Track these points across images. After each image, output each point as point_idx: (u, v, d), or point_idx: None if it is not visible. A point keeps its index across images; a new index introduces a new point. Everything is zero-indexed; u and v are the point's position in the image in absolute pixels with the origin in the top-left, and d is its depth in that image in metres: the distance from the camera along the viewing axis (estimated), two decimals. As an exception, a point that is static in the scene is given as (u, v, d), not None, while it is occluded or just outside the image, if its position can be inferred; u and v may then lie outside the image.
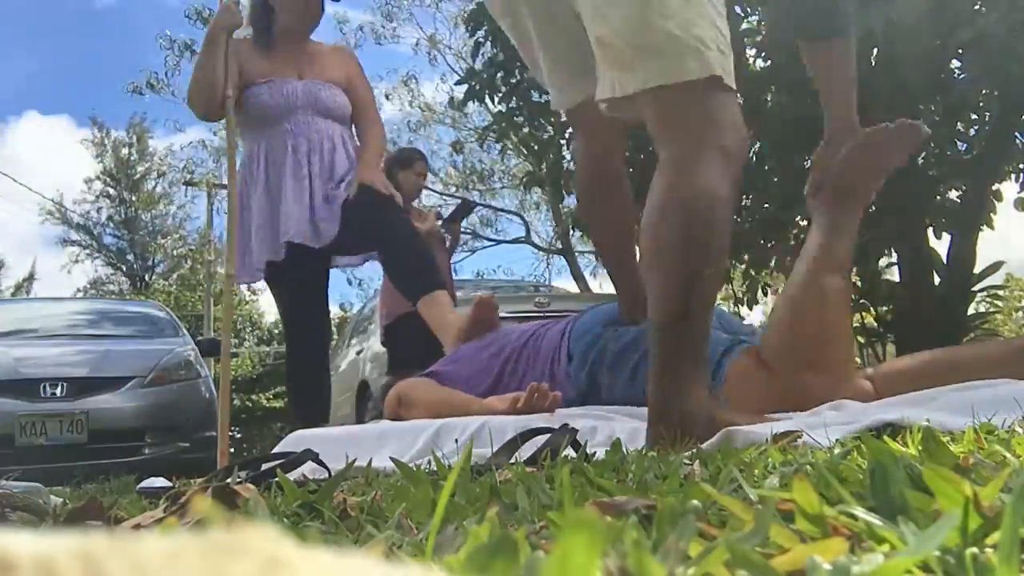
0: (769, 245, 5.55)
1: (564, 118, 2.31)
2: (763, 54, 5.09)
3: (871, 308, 5.42)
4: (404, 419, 1.96)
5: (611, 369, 1.86)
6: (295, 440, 1.85)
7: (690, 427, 1.23)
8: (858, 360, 4.35)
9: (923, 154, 4.99)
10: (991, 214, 4.85)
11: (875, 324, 5.44)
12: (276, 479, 0.90)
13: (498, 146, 8.37)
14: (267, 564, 0.17)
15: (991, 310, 5.91)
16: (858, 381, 1.68)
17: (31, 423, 4.37)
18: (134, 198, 23.42)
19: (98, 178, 23.42)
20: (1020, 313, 15.67)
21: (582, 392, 1.88)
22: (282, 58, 2.65)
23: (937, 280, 4.91)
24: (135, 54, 37.60)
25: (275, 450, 1.66)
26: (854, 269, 5.54)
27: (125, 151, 23.53)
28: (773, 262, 5.65)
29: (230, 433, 2.51)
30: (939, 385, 1.43)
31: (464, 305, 4.59)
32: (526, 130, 5.81)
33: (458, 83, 6.10)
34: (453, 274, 4.09)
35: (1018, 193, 4.98)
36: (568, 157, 5.71)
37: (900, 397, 1.44)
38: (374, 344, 4.48)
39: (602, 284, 12.91)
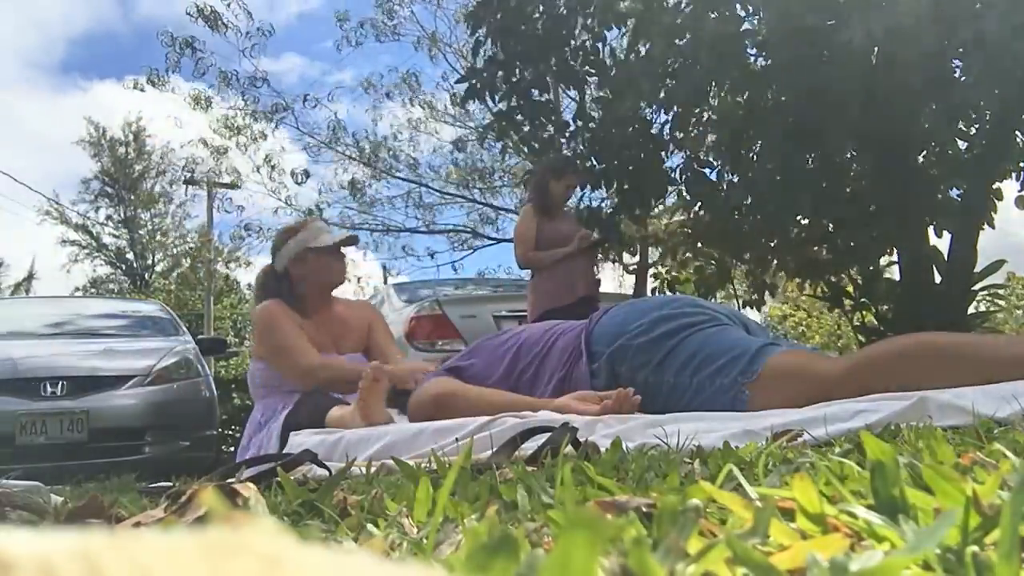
0: (771, 244, 5.54)
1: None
2: (763, 54, 5.08)
3: (871, 307, 5.42)
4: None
5: (632, 367, 1.89)
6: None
7: None
8: None
9: (923, 153, 4.98)
10: (992, 213, 4.85)
11: (875, 323, 5.44)
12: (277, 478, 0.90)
13: (498, 144, 8.35)
14: (267, 562, 0.17)
15: (992, 309, 5.90)
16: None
17: (31, 422, 4.36)
18: (132, 197, 23.38)
19: (96, 177, 23.37)
20: (1021, 312, 15.65)
21: (602, 390, 1.90)
22: (317, 328, 2.62)
23: (938, 279, 4.90)
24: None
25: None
26: (854, 268, 5.54)
27: (122, 150, 23.49)
28: (775, 261, 5.64)
29: (229, 433, 2.50)
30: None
31: (463, 305, 4.60)
32: (526, 129, 5.81)
33: (459, 81, 6.09)
34: (455, 272, 4.11)
35: (1019, 191, 4.97)
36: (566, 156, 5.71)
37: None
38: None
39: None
